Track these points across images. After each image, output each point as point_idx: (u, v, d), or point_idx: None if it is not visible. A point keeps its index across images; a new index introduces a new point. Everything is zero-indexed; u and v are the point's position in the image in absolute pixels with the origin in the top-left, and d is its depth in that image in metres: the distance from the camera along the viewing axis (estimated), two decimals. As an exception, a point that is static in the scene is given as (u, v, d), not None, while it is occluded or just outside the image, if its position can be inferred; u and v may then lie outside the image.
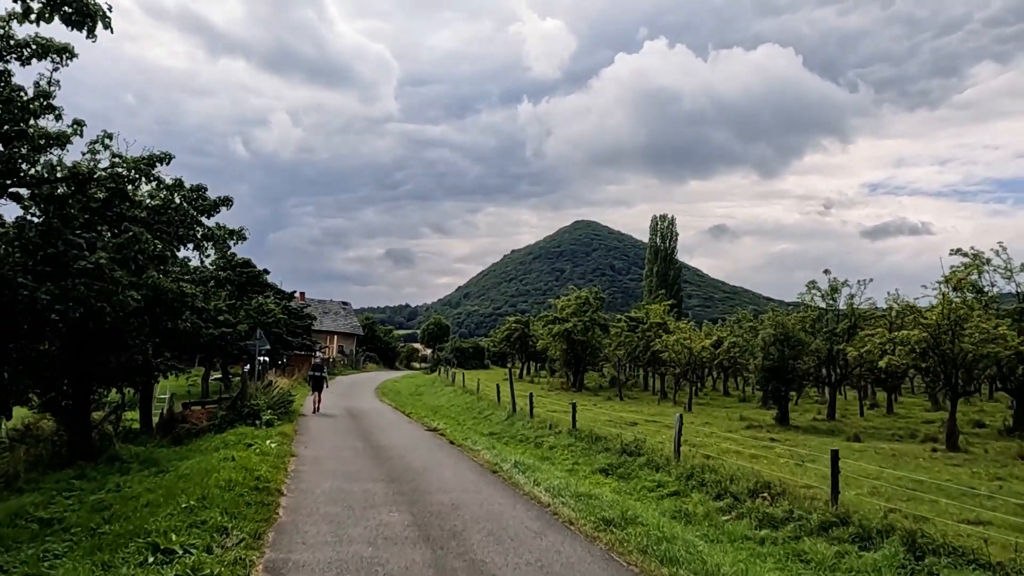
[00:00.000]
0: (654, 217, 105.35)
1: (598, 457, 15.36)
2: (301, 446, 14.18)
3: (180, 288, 13.96)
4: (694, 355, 29.98)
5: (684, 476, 12.44)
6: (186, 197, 11.79)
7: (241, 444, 13.04)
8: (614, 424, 22.76)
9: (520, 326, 54.46)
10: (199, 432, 16.56)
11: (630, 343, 39.77)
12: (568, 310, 41.90)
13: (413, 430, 19.20)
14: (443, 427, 19.95)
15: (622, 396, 37.04)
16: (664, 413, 30.53)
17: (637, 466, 13.94)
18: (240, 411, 17.10)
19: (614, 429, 20.81)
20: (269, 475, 9.89)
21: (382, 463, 12.48)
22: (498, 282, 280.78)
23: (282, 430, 15.78)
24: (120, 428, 17.63)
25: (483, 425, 22.94)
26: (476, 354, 71.90)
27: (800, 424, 24.73)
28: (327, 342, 63.08)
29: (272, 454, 11.95)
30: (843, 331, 25.95)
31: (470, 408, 27.70)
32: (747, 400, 39.60)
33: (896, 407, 32.58)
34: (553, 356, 42.70)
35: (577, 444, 17.07)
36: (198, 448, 13.78)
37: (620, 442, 15.81)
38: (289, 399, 20.59)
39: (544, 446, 17.73)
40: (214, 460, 10.89)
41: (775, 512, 9.84)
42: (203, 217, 12.23)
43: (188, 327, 14.77)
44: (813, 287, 27.56)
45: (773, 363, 23.43)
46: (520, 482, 10.92)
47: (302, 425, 18.24)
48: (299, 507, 8.43)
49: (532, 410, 22.70)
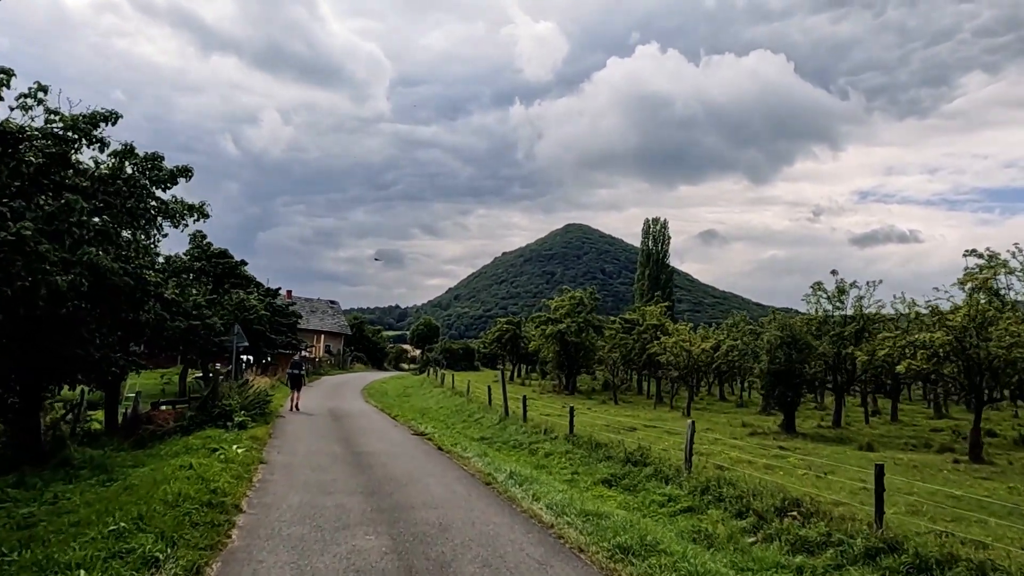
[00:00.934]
0: (647, 220, 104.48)
1: (599, 466, 14.10)
2: (273, 451, 12.82)
3: (141, 274, 12.60)
4: (693, 358, 28.79)
5: (698, 490, 11.20)
6: (138, 166, 10.43)
7: (205, 449, 11.67)
8: (612, 429, 21.53)
9: (512, 327, 53.17)
10: (164, 434, 15.17)
11: (625, 345, 38.58)
12: (562, 311, 40.68)
13: (398, 434, 17.87)
14: (431, 431, 18.64)
15: (617, 400, 35.83)
16: (662, 418, 29.34)
17: (644, 477, 12.70)
18: (210, 412, 15.72)
19: (613, 435, 19.58)
20: (228, 487, 8.54)
21: (362, 471, 11.15)
22: (488, 284, 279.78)
23: (254, 433, 14.41)
24: (80, 429, 16.21)
25: (473, 429, 21.64)
26: (466, 355, 70.54)
27: (806, 431, 23.60)
28: (313, 341, 61.52)
29: (238, 461, 10.59)
30: (851, 334, 24.84)
31: (460, 411, 26.38)
32: (744, 405, 38.49)
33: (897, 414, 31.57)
34: (545, 358, 41.44)
35: (575, 451, 15.80)
36: (158, 453, 12.40)
37: (623, 450, 14.57)
38: (266, 399, 19.20)
39: (539, 453, 16.45)
40: (168, 469, 9.53)
41: (809, 535, 8.60)
42: (158, 190, 10.87)
43: (151, 319, 13.38)
44: (819, 289, 26.47)
45: (779, 367, 22.26)
46: (517, 496, 9.63)
47: (278, 427, 16.86)
48: (258, 528, 7.09)
49: (525, 414, 21.44)
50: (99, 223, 9.41)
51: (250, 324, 35.17)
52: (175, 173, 10.74)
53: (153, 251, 16.82)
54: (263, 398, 18.81)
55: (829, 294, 26.04)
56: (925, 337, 16.18)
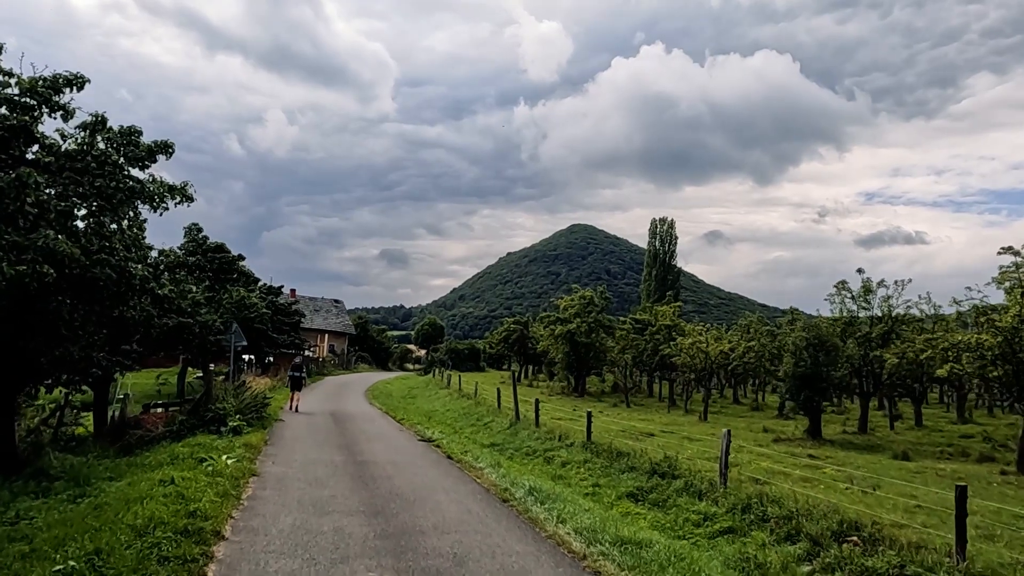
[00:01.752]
0: (654, 220, 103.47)
1: (623, 478, 12.98)
2: (268, 460, 11.74)
3: (125, 267, 11.53)
4: (711, 360, 27.62)
5: (738, 508, 10.07)
6: (112, 140, 9.36)
7: (191, 459, 10.59)
8: (628, 435, 20.42)
9: (519, 327, 52.05)
10: (153, 440, 14.11)
11: (637, 346, 37.42)
12: (571, 310, 39.52)
13: (404, 440, 16.78)
14: (439, 437, 17.54)
15: (628, 403, 34.68)
16: (677, 422, 28.19)
17: (673, 491, 11.57)
18: (202, 416, 14.65)
19: (631, 441, 18.49)
20: (211, 507, 7.45)
21: (364, 485, 10.05)
22: (493, 284, 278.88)
23: (249, 440, 13.33)
24: (63, 433, 15.18)
25: (483, 434, 20.55)
26: (471, 356, 69.32)
27: (832, 438, 22.43)
28: (317, 341, 60.53)
29: (227, 474, 9.50)
30: (878, 336, 23.67)
31: (468, 414, 25.30)
32: (759, 409, 37.30)
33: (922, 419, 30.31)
34: (554, 359, 40.30)
35: (595, 461, 14.68)
36: (141, 462, 11.32)
37: (648, 460, 13.43)
38: (264, 402, 18.13)
39: (555, 462, 15.34)
40: (145, 484, 8.45)
41: (877, 565, 7.47)
42: (135, 168, 9.79)
43: (136, 315, 12.32)
44: (843, 288, 25.28)
45: (806, 370, 21.08)
46: (540, 517, 8.51)
47: (276, 433, 15.79)
48: (239, 561, 6.00)
49: (538, 418, 20.37)
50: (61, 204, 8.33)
51: (251, 323, 34.15)
52: (153, 149, 9.65)
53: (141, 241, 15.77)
54: (261, 401, 17.74)
55: (854, 294, 24.86)
56: (971, 339, 15.00)
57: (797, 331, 22.53)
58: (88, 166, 8.88)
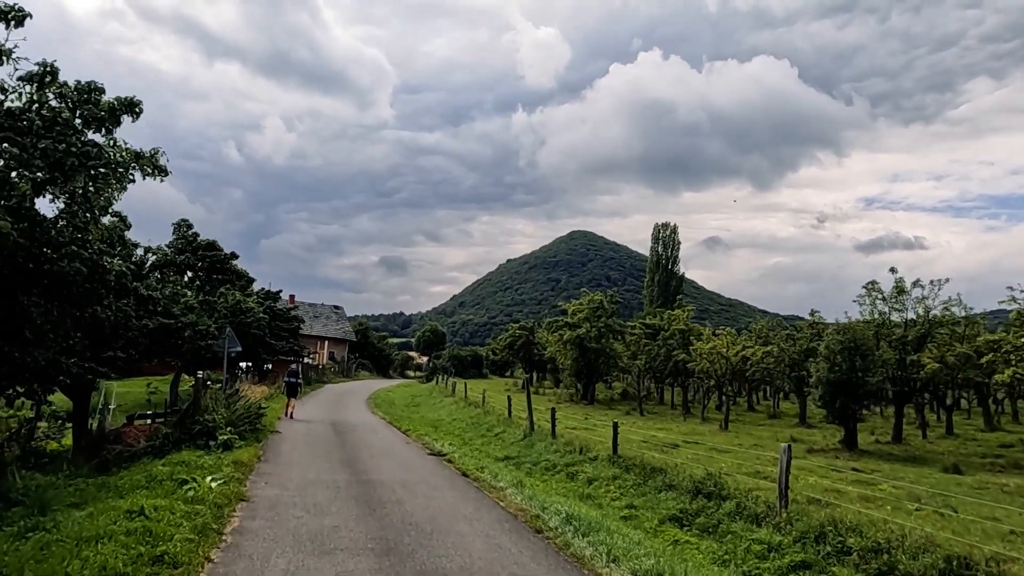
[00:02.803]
0: (656, 225, 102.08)
1: (661, 498, 11.51)
2: (260, 481, 10.26)
3: (98, 260, 10.12)
4: (731, 366, 26.15)
5: (809, 537, 8.59)
6: (66, 97, 7.96)
7: (171, 481, 9.13)
8: (651, 446, 18.96)
9: (524, 332, 50.57)
10: (133, 456, 12.63)
11: (649, 352, 35.95)
12: (580, 315, 38.08)
13: (412, 454, 15.30)
14: (449, 450, 16.07)
15: (642, 411, 33.17)
16: (697, 432, 26.69)
17: (724, 515, 10.10)
18: (189, 429, 13.17)
19: (656, 454, 17.06)
20: (184, 549, 5.99)
21: (371, 512, 8.59)
22: (493, 291, 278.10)
23: (240, 456, 11.85)
24: (33, 447, 13.71)
25: (495, 446, 19.08)
26: (474, 363, 67.87)
27: (869, 448, 20.96)
28: (317, 347, 59.03)
29: (209, 501, 8.03)
30: (914, 339, 22.23)
31: (476, 423, 23.82)
32: (776, 416, 35.79)
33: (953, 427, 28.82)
34: (562, 365, 38.81)
35: (626, 477, 13.21)
36: (115, 484, 9.85)
37: (687, 477, 11.96)
38: (259, 412, 16.65)
39: (580, 478, 13.87)
40: (108, 517, 6.98)
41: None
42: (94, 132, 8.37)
43: (111, 316, 10.89)
44: (873, 288, 23.86)
45: (840, 376, 19.62)
46: (585, 555, 7.04)
47: (271, 447, 14.30)
48: (214, 631, 4.54)
49: (554, 428, 18.93)
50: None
51: (247, 328, 32.69)
52: (116, 109, 8.20)
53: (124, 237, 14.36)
54: (256, 411, 16.27)
55: (885, 295, 23.44)
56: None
57: (830, 334, 21.08)
58: (33, 125, 7.46)
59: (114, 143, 8.57)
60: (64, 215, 10.65)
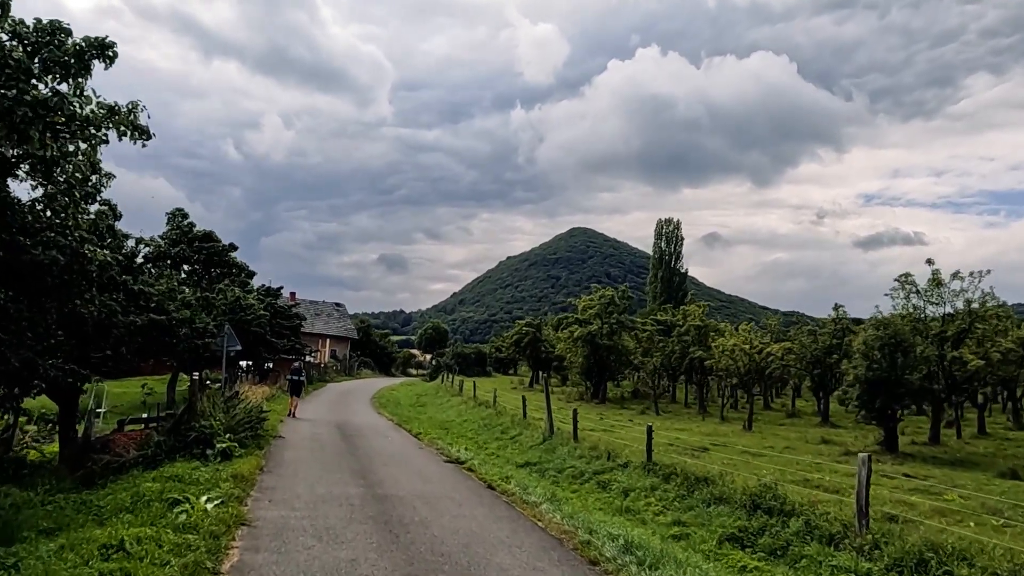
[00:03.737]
0: (659, 221, 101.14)
1: (712, 513, 10.26)
2: (263, 499, 9.01)
3: (78, 248, 8.88)
4: (755, 363, 24.91)
5: (906, 565, 7.36)
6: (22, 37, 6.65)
7: (160, 502, 7.87)
8: (677, 449, 17.71)
9: (531, 330, 49.30)
10: (121, 468, 11.39)
11: (663, 349, 34.72)
12: (591, 311, 36.82)
13: (427, 461, 14.06)
14: (467, 456, 14.84)
15: (658, 410, 31.91)
16: (720, 432, 25.46)
17: (792, 535, 8.85)
18: (184, 436, 11.92)
19: (686, 458, 15.84)
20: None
21: (394, 538, 7.35)
22: (493, 289, 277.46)
23: (239, 468, 10.60)
24: (13, 456, 12.46)
25: (512, 450, 17.86)
26: (478, 360, 66.61)
27: (908, 451, 19.72)
28: (318, 346, 57.78)
29: (204, 528, 6.79)
30: (954, 334, 21.00)
31: (489, 425, 22.58)
32: (795, 415, 34.55)
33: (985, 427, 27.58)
34: (573, 362, 37.55)
35: (666, 488, 11.98)
36: (97, 502, 8.60)
37: (739, 489, 10.71)
38: (261, 416, 15.41)
39: (613, 488, 12.62)
40: (80, 553, 5.74)
41: None
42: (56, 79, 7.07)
43: (94, 312, 9.66)
44: (907, 281, 22.60)
45: (880, 374, 18.39)
46: (661, 596, 5.81)
47: (274, 455, 13.06)
48: None
49: (576, 432, 17.70)
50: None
51: (247, 326, 31.45)
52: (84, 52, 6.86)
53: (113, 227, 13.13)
54: (257, 415, 15.01)
55: (922, 288, 22.18)
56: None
57: (868, 329, 19.83)
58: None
59: (81, 92, 7.23)
60: (42, 200, 9.41)
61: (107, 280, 11.93)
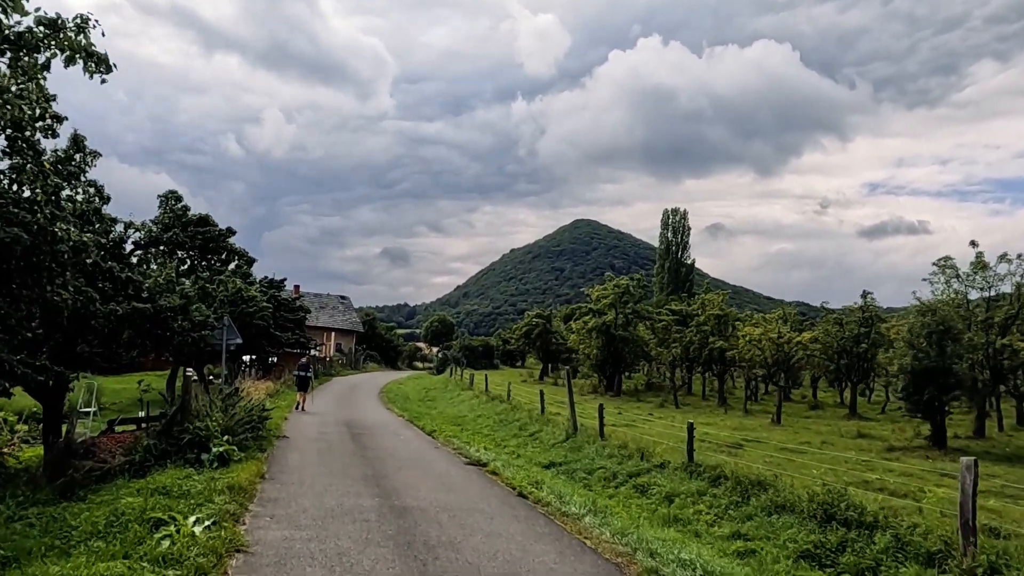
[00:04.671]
0: (666, 211, 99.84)
1: (776, 524, 8.98)
2: (264, 514, 7.76)
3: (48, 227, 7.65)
4: (785, 352, 23.59)
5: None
6: None
7: (141, 522, 6.63)
8: (709, 446, 16.46)
9: (542, 321, 48.01)
10: (106, 475, 10.16)
11: (682, 339, 33.40)
12: (605, 300, 35.51)
13: (446, 464, 12.81)
14: (488, 457, 13.59)
15: (677, 403, 30.63)
16: (747, 427, 24.17)
17: (880, 552, 7.59)
18: (176, 439, 10.69)
19: (722, 456, 14.61)
20: None
21: (421, 567, 6.10)
22: (497, 281, 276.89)
23: (238, 476, 9.35)
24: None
25: (533, 448, 16.63)
26: (485, 353, 65.44)
27: (954, 446, 18.43)
28: (323, 339, 56.60)
29: (190, 559, 5.55)
30: (1001, 320, 19.66)
31: (505, 421, 21.35)
32: (818, 407, 33.24)
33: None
34: (586, 354, 36.24)
35: (714, 493, 10.71)
36: (71, 522, 7.34)
37: (807, 497, 9.37)
38: (263, 415, 14.19)
39: (653, 493, 11.35)
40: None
41: None
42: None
43: (68, 300, 8.42)
44: (947, 265, 21.25)
45: (928, 363, 17.07)
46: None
47: (277, 460, 11.81)
48: None
49: (603, 428, 16.48)
50: None
51: (250, 319, 30.24)
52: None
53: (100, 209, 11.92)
54: (258, 413, 13.78)
55: (963, 273, 20.84)
56: None
57: (913, 315, 18.50)
58: None
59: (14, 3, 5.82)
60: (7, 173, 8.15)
61: (90, 266, 10.69)
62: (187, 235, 13.50)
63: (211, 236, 13.66)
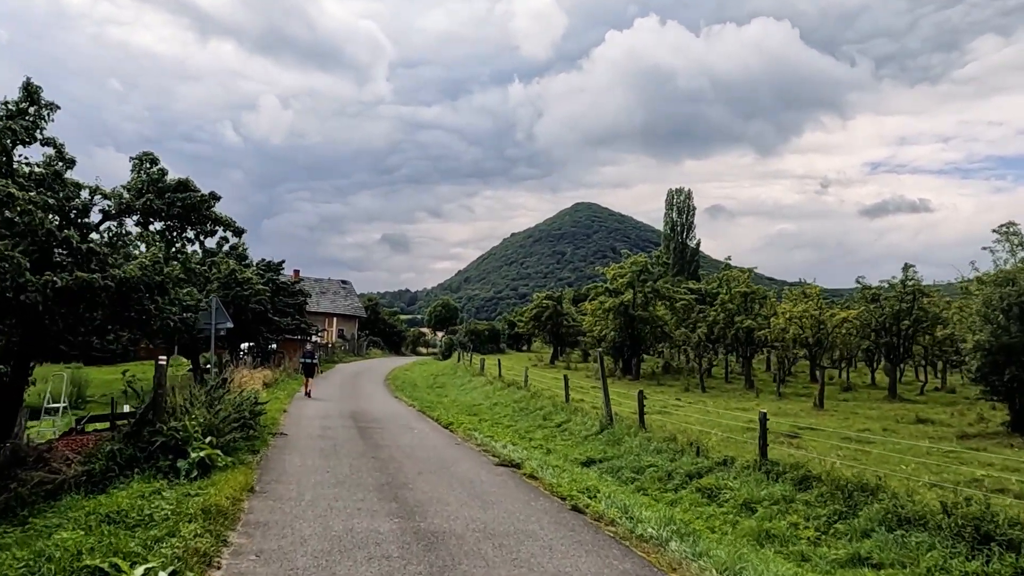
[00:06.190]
0: (670, 191, 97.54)
1: (905, 543, 7.03)
2: (248, 551, 5.75)
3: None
4: (827, 331, 21.58)
5: None
6: None
7: (78, 571, 4.64)
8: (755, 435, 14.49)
9: (552, 303, 46.01)
10: (58, 489, 8.19)
11: (706, 319, 31.39)
12: (622, 279, 33.45)
13: (473, 465, 10.83)
14: (520, 456, 11.61)
15: (704, 387, 28.69)
16: (788, 411, 22.16)
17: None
18: (149, 443, 8.72)
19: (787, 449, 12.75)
20: None
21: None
22: (498, 266, 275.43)
23: (218, 492, 7.35)
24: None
25: (563, 442, 14.71)
26: (492, 337, 63.51)
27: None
28: (325, 325, 54.67)
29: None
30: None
31: (525, 410, 19.40)
32: (851, 388, 31.30)
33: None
34: (603, 336, 34.22)
35: (807, 499, 8.73)
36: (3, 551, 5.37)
37: (947, 512, 7.36)
38: (256, 410, 12.20)
39: (727, 499, 9.37)
40: None
41: None
42: None
43: None
44: (1011, 232, 19.20)
45: (1008, 339, 15.09)
46: None
47: (271, 465, 9.83)
48: None
49: (643, 418, 14.62)
50: None
51: (245, 302, 28.30)
52: None
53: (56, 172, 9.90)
54: (249, 409, 11.79)
55: None
56: None
57: (988, 287, 16.46)
58: None
59: None
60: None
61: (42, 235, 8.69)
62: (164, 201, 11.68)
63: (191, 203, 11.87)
